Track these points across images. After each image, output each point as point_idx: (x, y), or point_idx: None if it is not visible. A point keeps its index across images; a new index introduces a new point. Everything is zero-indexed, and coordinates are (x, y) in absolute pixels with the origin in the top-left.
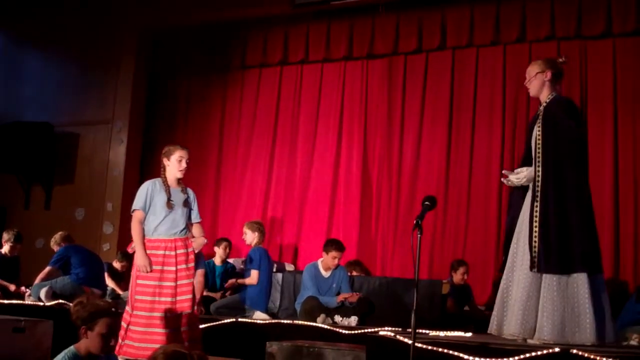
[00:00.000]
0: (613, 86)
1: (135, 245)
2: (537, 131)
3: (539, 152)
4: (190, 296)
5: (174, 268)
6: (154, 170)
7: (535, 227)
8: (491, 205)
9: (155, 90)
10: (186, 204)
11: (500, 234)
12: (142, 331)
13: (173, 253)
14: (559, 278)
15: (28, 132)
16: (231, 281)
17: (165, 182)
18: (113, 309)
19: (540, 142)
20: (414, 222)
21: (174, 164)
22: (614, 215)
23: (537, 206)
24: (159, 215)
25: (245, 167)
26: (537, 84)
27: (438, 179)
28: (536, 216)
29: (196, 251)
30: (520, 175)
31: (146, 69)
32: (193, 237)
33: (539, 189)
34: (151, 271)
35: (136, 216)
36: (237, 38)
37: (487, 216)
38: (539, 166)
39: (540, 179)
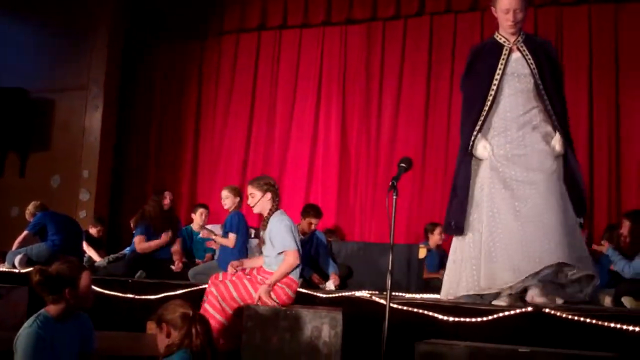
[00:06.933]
0: (589, 52)
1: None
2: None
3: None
4: None
5: None
6: (130, 136)
7: None
8: None
9: (132, 56)
10: None
11: None
12: None
13: None
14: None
15: (2, 98)
16: (205, 233)
17: None
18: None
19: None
20: (390, 183)
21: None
22: (589, 179)
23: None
24: None
25: (224, 134)
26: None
27: (416, 144)
28: None
29: None
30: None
31: (122, 34)
32: None
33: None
34: None
35: None
36: (215, 3)
37: None
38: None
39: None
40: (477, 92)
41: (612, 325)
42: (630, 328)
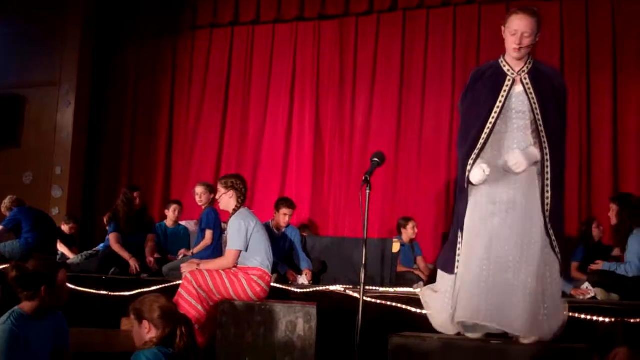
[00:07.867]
0: (560, 48)
1: None
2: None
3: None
4: None
5: None
6: (103, 132)
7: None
8: (441, 163)
9: (104, 52)
10: None
11: (450, 193)
12: None
13: None
14: None
15: None
16: (183, 251)
17: None
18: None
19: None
20: (363, 178)
21: None
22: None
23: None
24: None
25: (197, 130)
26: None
27: (389, 139)
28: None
29: None
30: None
31: (94, 29)
32: None
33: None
34: None
35: None
36: None
37: (437, 175)
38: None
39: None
40: (473, 124)
41: (583, 316)
42: (601, 319)
